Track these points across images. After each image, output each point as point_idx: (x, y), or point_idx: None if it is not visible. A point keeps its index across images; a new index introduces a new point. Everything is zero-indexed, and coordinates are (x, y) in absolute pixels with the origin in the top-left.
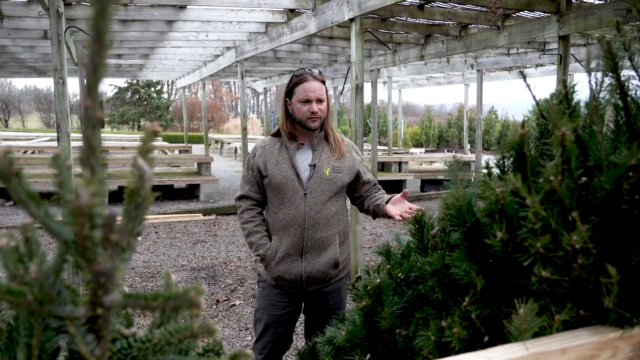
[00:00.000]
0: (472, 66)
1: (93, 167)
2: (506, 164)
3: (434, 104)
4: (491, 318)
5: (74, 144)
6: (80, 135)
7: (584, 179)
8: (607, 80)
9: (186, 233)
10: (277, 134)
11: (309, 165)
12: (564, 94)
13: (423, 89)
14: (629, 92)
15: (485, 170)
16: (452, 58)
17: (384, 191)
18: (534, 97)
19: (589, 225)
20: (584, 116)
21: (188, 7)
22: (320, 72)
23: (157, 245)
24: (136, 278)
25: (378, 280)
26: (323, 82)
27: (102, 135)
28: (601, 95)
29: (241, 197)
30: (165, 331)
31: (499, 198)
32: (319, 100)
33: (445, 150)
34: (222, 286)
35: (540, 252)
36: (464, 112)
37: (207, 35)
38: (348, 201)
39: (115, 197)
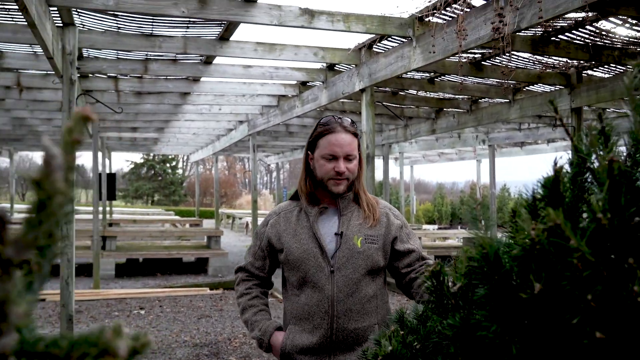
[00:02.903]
0: (483, 141)
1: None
2: (538, 206)
3: (446, 182)
4: None
5: (78, 216)
6: (88, 208)
7: (637, 219)
8: None
9: (191, 307)
10: (294, 197)
11: (335, 234)
12: (600, 129)
13: (435, 167)
14: None
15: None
16: (464, 133)
17: None
18: (567, 131)
19: None
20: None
21: (202, 79)
22: (353, 122)
23: (160, 320)
24: (135, 355)
25: (390, 348)
26: (355, 135)
27: (113, 208)
28: None
29: (239, 269)
30: None
31: (535, 241)
32: (348, 158)
33: (459, 227)
34: None
35: (591, 307)
36: (476, 189)
37: (220, 109)
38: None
39: (123, 270)
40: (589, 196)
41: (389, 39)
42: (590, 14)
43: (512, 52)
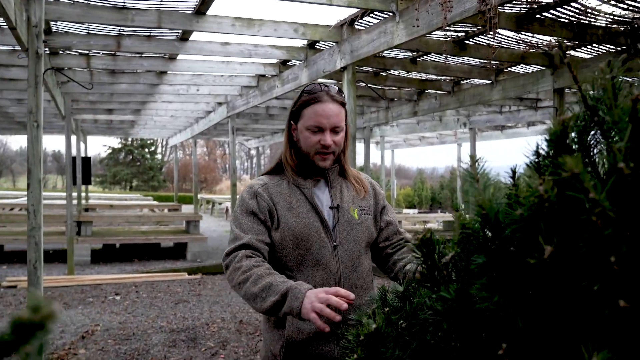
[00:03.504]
0: (464, 124)
1: None
2: (541, 164)
3: (426, 167)
4: None
5: (53, 202)
6: (63, 194)
7: None
8: None
9: (168, 292)
10: (275, 171)
11: (330, 207)
12: (610, 78)
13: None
14: None
15: (510, 180)
16: (445, 116)
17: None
18: (575, 78)
19: None
20: None
21: (178, 57)
22: (340, 90)
23: (136, 305)
24: (109, 340)
25: (374, 326)
26: (343, 105)
27: (89, 194)
28: None
29: (239, 247)
30: None
31: (544, 197)
32: (335, 130)
33: (439, 211)
34: (202, 349)
35: (613, 271)
36: (457, 172)
37: (198, 90)
38: None
39: (100, 255)
40: (595, 156)
41: (372, 15)
42: None
43: (496, 31)
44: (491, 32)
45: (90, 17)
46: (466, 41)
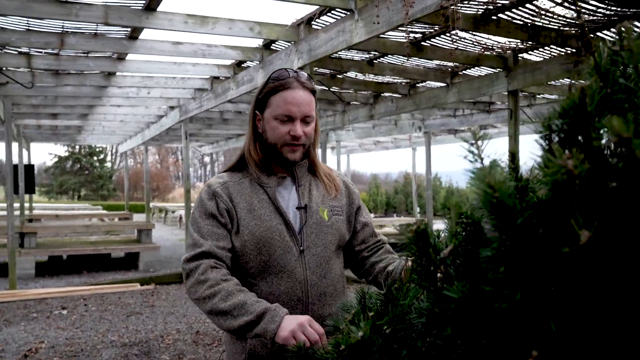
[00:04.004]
0: (419, 128)
1: None
2: (553, 141)
3: (380, 173)
4: None
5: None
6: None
7: None
8: None
9: (120, 305)
10: (237, 168)
11: (297, 208)
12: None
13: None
14: None
15: (508, 165)
16: (400, 120)
17: (391, 249)
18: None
19: None
20: None
21: (127, 57)
22: (309, 76)
23: (85, 319)
24: (55, 358)
25: (360, 334)
26: (313, 93)
27: (34, 204)
28: None
29: (200, 255)
30: None
31: (575, 174)
32: (305, 120)
33: (394, 215)
34: None
35: None
36: (411, 177)
37: (149, 92)
38: None
39: (45, 268)
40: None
41: (330, 14)
42: None
43: (456, 30)
44: (453, 30)
45: (30, 11)
46: (423, 42)
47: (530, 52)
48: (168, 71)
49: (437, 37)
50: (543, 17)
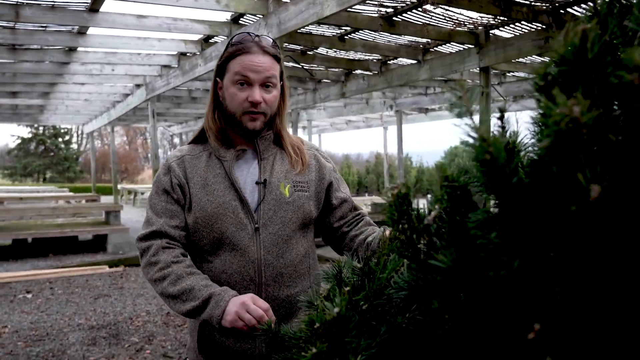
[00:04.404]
0: (391, 107)
1: None
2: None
3: (351, 153)
4: None
5: None
6: None
7: None
8: None
9: (87, 287)
10: (199, 139)
11: (256, 183)
12: None
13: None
14: None
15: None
16: (372, 99)
17: (372, 222)
18: None
19: None
20: None
21: (89, 32)
22: (274, 41)
23: (51, 303)
24: (19, 343)
25: (336, 310)
26: (276, 59)
27: None
28: None
29: (151, 234)
30: None
31: (581, 122)
32: (266, 85)
33: (366, 194)
34: (126, 346)
35: None
36: (383, 156)
37: (113, 69)
38: None
39: (9, 252)
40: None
41: None
42: None
43: (426, 7)
44: (426, 5)
45: None
46: (395, 18)
47: (501, 28)
48: (132, 47)
49: (409, 12)
50: None
